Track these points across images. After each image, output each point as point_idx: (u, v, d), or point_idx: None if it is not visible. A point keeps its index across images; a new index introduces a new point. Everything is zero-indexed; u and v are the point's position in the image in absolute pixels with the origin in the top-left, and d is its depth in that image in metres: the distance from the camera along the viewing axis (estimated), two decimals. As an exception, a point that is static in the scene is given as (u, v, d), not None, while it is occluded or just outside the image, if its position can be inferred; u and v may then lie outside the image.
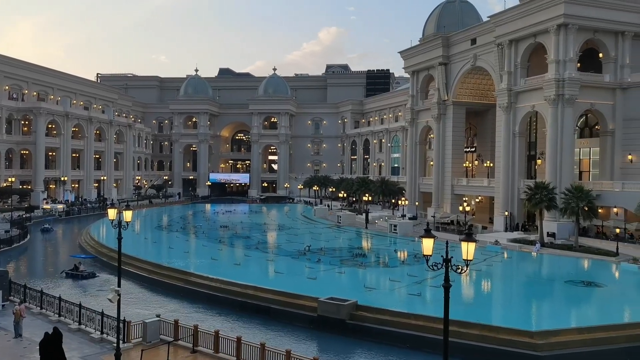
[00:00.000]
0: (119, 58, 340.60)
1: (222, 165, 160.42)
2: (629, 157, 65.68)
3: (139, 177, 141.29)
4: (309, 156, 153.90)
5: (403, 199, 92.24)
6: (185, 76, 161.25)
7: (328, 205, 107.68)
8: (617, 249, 53.02)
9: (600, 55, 67.35)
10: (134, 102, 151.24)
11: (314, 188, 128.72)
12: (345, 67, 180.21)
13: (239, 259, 53.88)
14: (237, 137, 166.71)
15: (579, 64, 65.45)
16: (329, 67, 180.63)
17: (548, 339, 26.85)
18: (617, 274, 47.56)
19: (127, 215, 23.33)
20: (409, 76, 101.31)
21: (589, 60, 67.92)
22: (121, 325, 24.44)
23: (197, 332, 25.68)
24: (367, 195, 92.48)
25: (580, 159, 72.13)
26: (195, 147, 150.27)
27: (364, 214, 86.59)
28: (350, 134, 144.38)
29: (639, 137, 64.99)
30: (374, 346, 28.78)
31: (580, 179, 68.97)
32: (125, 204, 22.22)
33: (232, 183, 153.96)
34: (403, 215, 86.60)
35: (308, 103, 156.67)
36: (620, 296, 40.33)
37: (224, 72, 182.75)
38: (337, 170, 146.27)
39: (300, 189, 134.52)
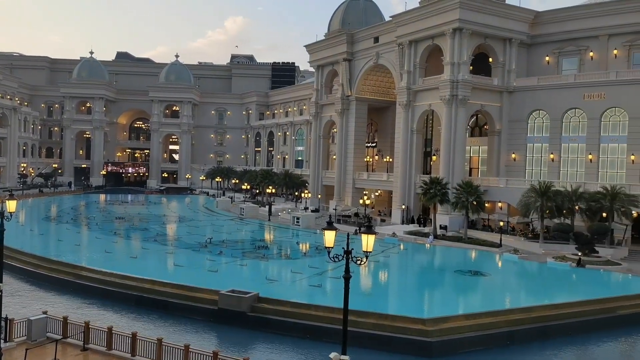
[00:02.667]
0: (2, 35, 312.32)
1: (118, 154, 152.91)
2: (513, 155, 71.20)
3: (25, 165, 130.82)
4: (212, 147, 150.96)
5: (306, 191, 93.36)
6: (79, 58, 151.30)
7: (231, 198, 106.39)
8: (501, 240, 57.35)
9: (490, 59, 72.25)
10: (21, 84, 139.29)
11: (217, 179, 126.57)
12: (250, 58, 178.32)
13: (136, 252, 51.77)
14: (135, 125, 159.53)
15: (471, 67, 69.73)
16: (234, 57, 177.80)
17: (438, 325, 28.49)
18: (500, 264, 51.47)
19: (11, 205, 21.58)
20: (314, 70, 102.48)
21: (480, 64, 72.62)
22: (2, 323, 22.60)
23: (89, 328, 24.38)
24: (270, 187, 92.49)
25: (470, 156, 77.02)
26: (89, 134, 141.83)
27: (267, 206, 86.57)
28: (254, 125, 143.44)
29: (522, 137, 70.62)
30: (275, 338, 28.97)
31: (470, 175, 73.67)
32: (9, 192, 20.34)
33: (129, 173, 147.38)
34: (306, 208, 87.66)
35: (212, 92, 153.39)
36: (502, 284, 43.77)
37: (122, 56, 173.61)
38: (240, 162, 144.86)
39: (203, 180, 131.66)
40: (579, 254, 49.71)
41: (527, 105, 69.92)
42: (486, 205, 64.96)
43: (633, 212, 54.23)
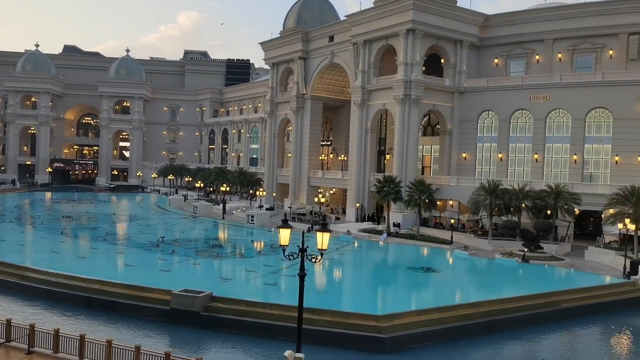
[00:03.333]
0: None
1: (66, 151, 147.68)
2: (464, 155, 73.06)
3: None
4: (165, 144, 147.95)
5: (261, 189, 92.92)
6: (23, 51, 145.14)
7: (184, 196, 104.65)
8: (452, 237, 58.80)
9: (442, 61, 73.85)
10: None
11: (170, 177, 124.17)
12: (204, 54, 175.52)
13: (84, 251, 50.16)
14: (84, 121, 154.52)
15: (424, 68, 71.08)
16: (187, 52, 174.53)
17: (391, 321, 28.96)
18: (450, 260, 52.77)
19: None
20: (269, 68, 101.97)
21: (433, 65, 74.14)
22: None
23: (34, 331, 23.46)
24: (225, 185, 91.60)
25: (423, 155, 78.55)
26: (34, 130, 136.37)
27: (221, 205, 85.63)
28: (208, 122, 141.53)
29: (472, 137, 72.55)
30: (230, 337, 28.73)
31: (422, 173, 75.14)
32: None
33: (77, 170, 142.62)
34: (261, 206, 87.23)
35: (164, 89, 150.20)
36: (452, 280, 44.90)
37: (70, 50, 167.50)
38: (194, 160, 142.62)
39: (155, 178, 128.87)
40: (525, 250, 51.54)
41: (477, 106, 71.89)
42: (438, 203, 66.45)
43: (575, 209, 56.73)
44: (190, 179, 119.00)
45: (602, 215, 55.11)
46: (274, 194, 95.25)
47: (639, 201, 47.90)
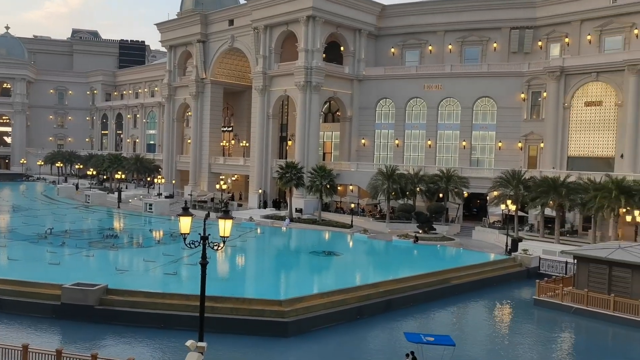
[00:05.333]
0: None
1: None
2: (363, 141, 75.29)
3: None
4: (52, 129, 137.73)
5: (159, 177, 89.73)
6: None
7: (75, 184, 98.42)
8: (352, 221, 60.62)
9: (342, 49, 75.26)
10: None
11: (58, 165, 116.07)
12: (95, 34, 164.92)
13: (-40, 247, 45.74)
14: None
15: (324, 55, 72.02)
16: (75, 32, 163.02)
17: (294, 305, 29.42)
18: (351, 243, 54.44)
19: None
20: (166, 50, 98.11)
21: (333, 52, 75.34)
22: None
23: None
24: (120, 173, 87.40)
25: (324, 141, 79.90)
26: None
27: (116, 193, 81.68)
28: (101, 107, 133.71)
29: (370, 123, 74.88)
30: (128, 330, 27.66)
31: (324, 159, 76.47)
32: None
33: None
34: (159, 194, 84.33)
35: (50, 70, 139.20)
36: (352, 262, 46.37)
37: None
38: (86, 146, 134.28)
39: (41, 165, 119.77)
40: (419, 231, 54.38)
41: (375, 94, 74.22)
42: (339, 188, 68.06)
43: (464, 192, 60.68)
44: (82, 166, 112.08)
45: (487, 198, 59.43)
46: (174, 182, 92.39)
47: (518, 184, 52.21)
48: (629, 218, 45.07)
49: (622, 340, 30.28)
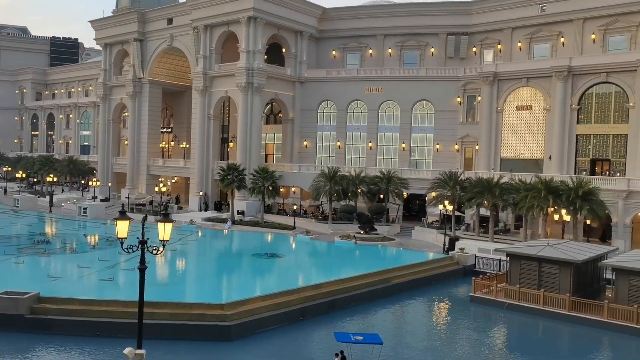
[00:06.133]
0: None
1: None
2: (305, 143, 75.55)
3: None
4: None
5: (95, 179, 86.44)
6: None
7: (3, 188, 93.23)
8: (294, 223, 60.69)
9: (284, 50, 75.25)
10: None
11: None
12: (24, 30, 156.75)
13: None
14: None
15: (266, 56, 71.76)
16: (2, 27, 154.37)
17: (237, 308, 29.15)
18: (294, 245, 54.50)
19: None
20: (101, 48, 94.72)
21: (275, 54, 75.20)
22: None
23: None
24: (51, 175, 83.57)
25: (266, 143, 79.58)
26: None
27: (47, 197, 78.04)
28: (30, 106, 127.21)
29: (312, 125, 75.26)
30: (61, 339, 26.52)
31: (266, 161, 76.16)
32: None
33: None
34: (94, 197, 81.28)
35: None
36: (295, 264, 46.50)
37: None
38: (14, 147, 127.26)
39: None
40: (361, 232, 55.16)
41: (317, 96, 74.68)
42: (281, 190, 67.95)
43: (404, 193, 62.08)
44: (10, 169, 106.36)
45: (426, 198, 61.04)
46: (110, 184, 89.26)
47: (455, 185, 53.98)
48: (556, 217, 47.50)
49: (551, 333, 31.92)
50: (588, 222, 51.34)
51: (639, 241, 49.51)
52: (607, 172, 56.62)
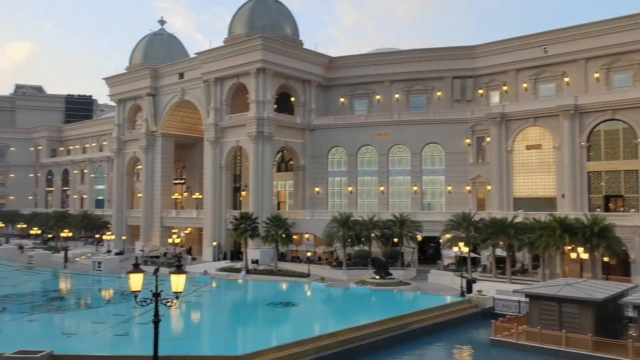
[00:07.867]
0: None
1: None
2: (316, 189, 75.82)
3: None
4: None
5: (109, 233, 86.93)
6: None
7: (19, 245, 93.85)
8: (309, 270, 60.19)
9: (292, 99, 76.68)
10: None
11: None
12: (39, 89, 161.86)
13: None
14: None
15: (276, 106, 73.11)
16: (19, 87, 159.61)
17: (252, 360, 28.62)
18: (309, 293, 53.80)
19: None
20: (114, 104, 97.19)
21: (284, 102, 76.63)
22: None
23: None
24: (66, 230, 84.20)
25: (278, 190, 79.98)
26: None
27: (62, 252, 78.36)
28: (45, 163, 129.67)
29: (323, 171, 75.72)
30: (75, 398, 26.11)
31: (278, 208, 76.32)
32: None
33: None
34: (109, 251, 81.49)
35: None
36: (310, 312, 45.76)
37: None
38: (29, 204, 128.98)
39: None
40: (377, 277, 54.49)
41: (327, 142, 75.44)
42: (294, 237, 67.72)
43: (418, 236, 61.59)
44: (24, 225, 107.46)
45: (440, 240, 60.45)
46: (124, 237, 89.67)
47: (469, 226, 53.54)
48: (573, 255, 46.73)
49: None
50: (606, 259, 50.35)
51: (661, 277, 48.37)
52: (622, 209, 55.97)
